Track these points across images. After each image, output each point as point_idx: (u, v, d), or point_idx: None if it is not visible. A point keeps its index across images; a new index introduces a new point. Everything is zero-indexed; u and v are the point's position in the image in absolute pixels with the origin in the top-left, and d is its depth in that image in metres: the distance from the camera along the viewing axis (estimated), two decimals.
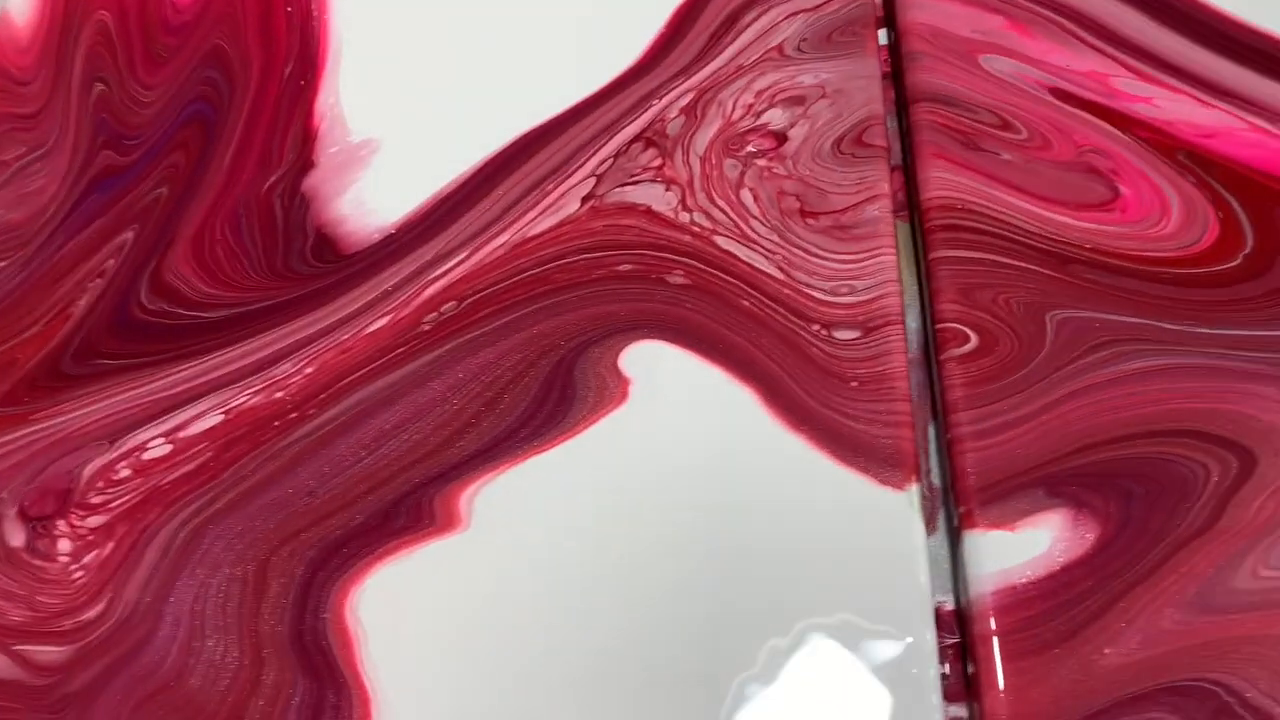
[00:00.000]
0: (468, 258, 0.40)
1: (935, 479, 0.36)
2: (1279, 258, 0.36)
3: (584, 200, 0.40)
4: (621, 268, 0.39)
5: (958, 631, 0.35)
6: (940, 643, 0.34)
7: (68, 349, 0.41)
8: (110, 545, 0.37)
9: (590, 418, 0.37)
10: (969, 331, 0.36)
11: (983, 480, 0.34)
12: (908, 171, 0.40)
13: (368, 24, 0.45)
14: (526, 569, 0.35)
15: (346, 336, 0.39)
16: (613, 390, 0.37)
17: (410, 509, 0.36)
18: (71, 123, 0.45)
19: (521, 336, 0.38)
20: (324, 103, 0.44)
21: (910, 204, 0.40)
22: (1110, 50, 0.39)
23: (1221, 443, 0.34)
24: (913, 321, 0.38)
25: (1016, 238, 0.37)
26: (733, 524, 0.35)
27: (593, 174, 0.40)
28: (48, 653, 0.36)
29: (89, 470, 0.39)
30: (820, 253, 0.38)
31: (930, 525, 0.35)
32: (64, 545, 0.38)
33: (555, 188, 0.40)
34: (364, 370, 0.39)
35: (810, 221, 0.38)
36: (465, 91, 0.43)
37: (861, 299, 0.37)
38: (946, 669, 0.33)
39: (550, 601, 0.35)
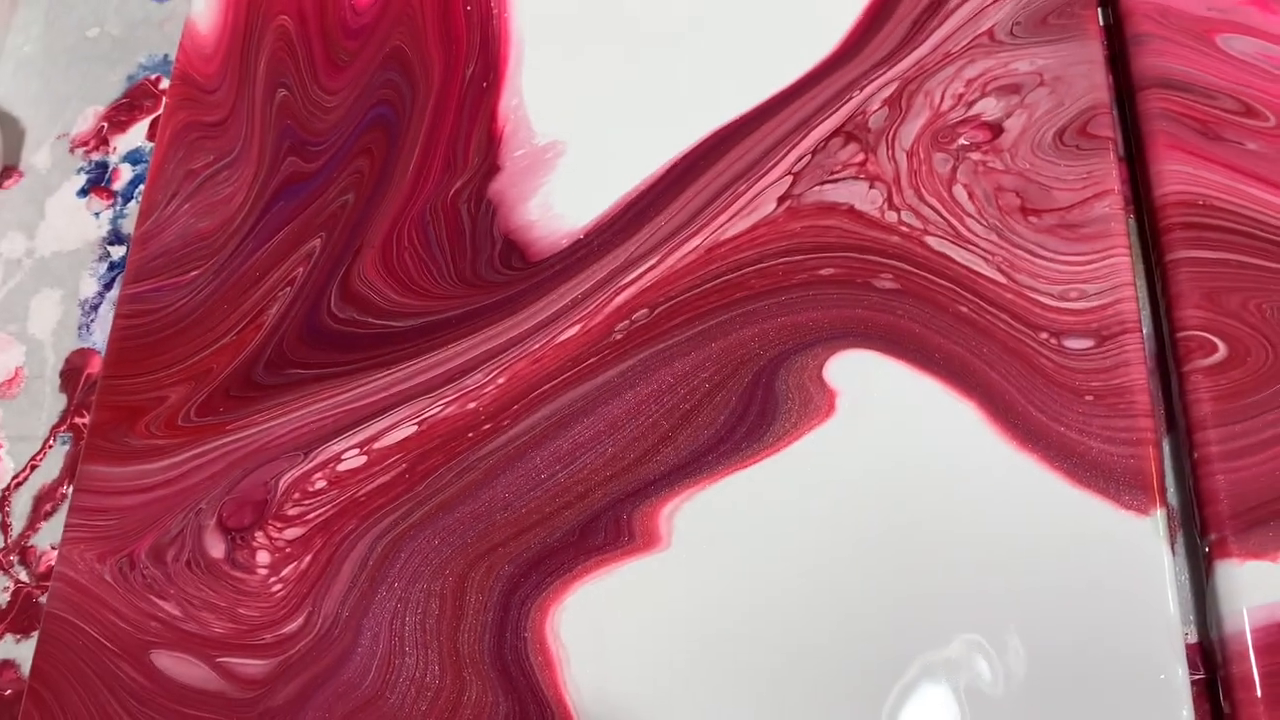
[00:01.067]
0: (659, 263, 0.38)
1: (1172, 498, 0.33)
2: None
3: (780, 200, 0.38)
4: (823, 271, 0.37)
5: (1203, 668, 0.32)
6: (1190, 678, 0.31)
7: (260, 358, 0.41)
8: (308, 558, 0.37)
9: (794, 432, 0.35)
10: (1216, 340, 0.33)
11: (1236, 506, 0.31)
12: (1134, 164, 0.37)
13: (550, 21, 0.43)
14: (728, 589, 0.34)
15: (537, 346, 0.38)
16: (818, 403, 0.35)
17: (609, 526, 0.35)
18: (256, 130, 0.45)
19: (718, 346, 0.37)
20: (507, 104, 0.43)
21: (1137, 200, 0.37)
22: None
23: None
24: (1146, 326, 0.35)
25: (1267, 235, 0.34)
26: (955, 550, 0.33)
27: (789, 172, 0.38)
28: (250, 666, 0.36)
29: (285, 481, 0.39)
30: (1046, 253, 0.35)
31: (1171, 548, 0.32)
32: (263, 557, 0.38)
33: (749, 188, 0.39)
34: (556, 381, 0.38)
35: (1033, 220, 0.36)
36: (652, 89, 0.41)
37: (1094, 304, 0.34)
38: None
39: (752, 624, 0.33)
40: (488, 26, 0.44)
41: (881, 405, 0.35)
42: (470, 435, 0.38)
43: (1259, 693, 0.29)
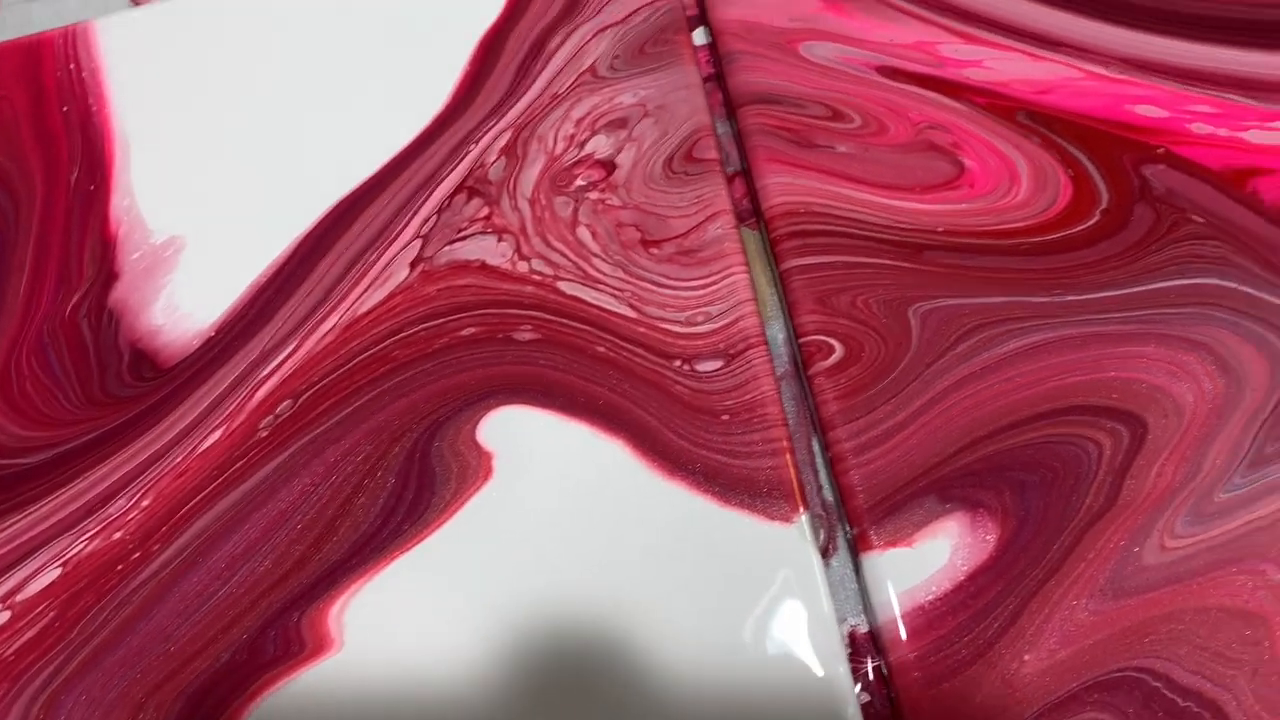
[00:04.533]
0: (297, 349, 0.37)
1: (829, 495, 0.34)
2: (1136, 207, 0.35)
3: (413, 265, 0.37)
4: (464, 332, 0.36)
5: (878, 654, 0.33)
6: (864, 668, 0.32)
7: None
8: None
9: (455, 502, 0.34)
10: (832, 342, 0.34)
11: (871, 498, 0.32)
12: (749, 178, 0.38)
13: (152, 113, 0.41)
14: (411, 680, 0.33)
15: (180, 459, 0.36)
16: (475, 468, 0.34)
17: (278, 637, 0.33)
18: None
19: (367, 426, 0.35)
20: (118, 206, 0.40)
21: (756, 211, 0.38)
22: (932, 17, 0.37)
23: (1109, 413, 0.32)
24: (781, 333, 0.36)
25: (866, 233, 0.35)
26: (623, 588, 0.32)
27: (417, 235, 0.38)
28: None
29: None
30: (670, 282, 0.36)
31: (831, 545, 0.33)
32: None
33: (379, 257, 0.37)
34: (205, 492, 0.35)
35: (654, 251, 0.36)
36: (269, 169, 0.39)
37: (719, 325, 0.35)
38: (869, 697, 0.31)
39: (439, 711, 0.32)
40: (88, 126, 0.42)
41: (537, 458, 0.34)
42: (120, 568, 0.35)
43: (913, 675, 0.30)
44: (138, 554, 0.35)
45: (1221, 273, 0.34)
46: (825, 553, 0.33)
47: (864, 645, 0.33)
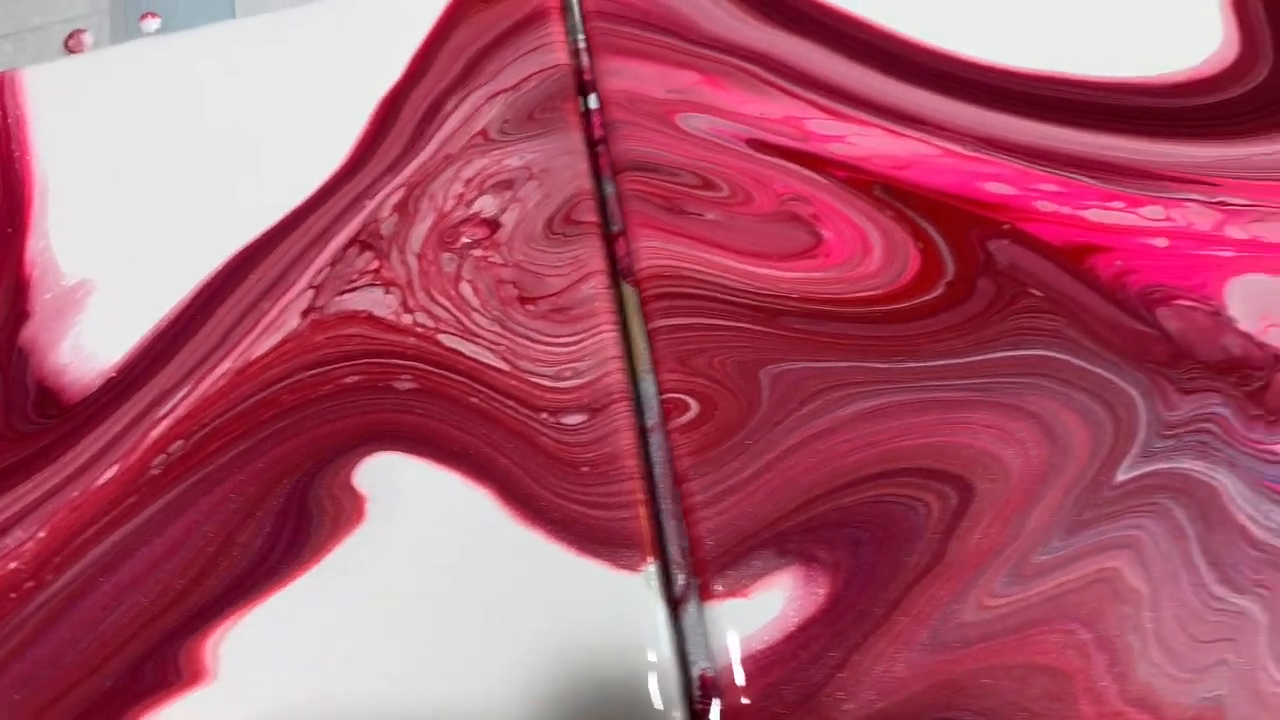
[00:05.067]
0: (191, 391, 0.39)
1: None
2: (980, 280, 0.37)
3: (304, 314, 0.39)
4: (348, 380, 0.38)
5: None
6: (709, 710, 0.34)
7: None
8: None
9: (328, 544, 0.36)
10: (689, 399, 0.36)
11: (715, 549, 0.34)
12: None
13: (72, 161, 0.43)
14: (279, 713, 0.35)
15: (77, 493, 0.38)
16: (349, 511, 0.36)
17: (156, 666, 0.35)
18: None
19: (252, 468, 0.37)
20: (34, 249, 0.42)
21: (631, 272, 0.40)
22: (801, 92, 0.40)
23: (940, 476, 0.34)
24: (653, 387, 0.38)
25: (727, 297, 0.37)
26: (478, 629, 0.34)
27: (310, 285, 0.40)
28: None
29: None
30: (542, 338, 0.38)
31: (688, 594, 0.35)
32: None
33: (273, 305, 0.40)
34: (98, 526, 0.37)
35: (529, 308, 0.38)
36: (177, 218, 0.42)
37: (585, 380, 0.37)
38: None
39: None
40: (9, 172, 0.44)
41: (409, 503, 0.36)
42: (13, 596, 0.37)
43: (747, 717, 0.32)
44: (31, 583, 0.37)
45: (1055, 345, 0.36)
46: (682, 600, 0.35)
47: (713, 688, 0.35)
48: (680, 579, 0.35)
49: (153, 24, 0.48)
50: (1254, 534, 0.33)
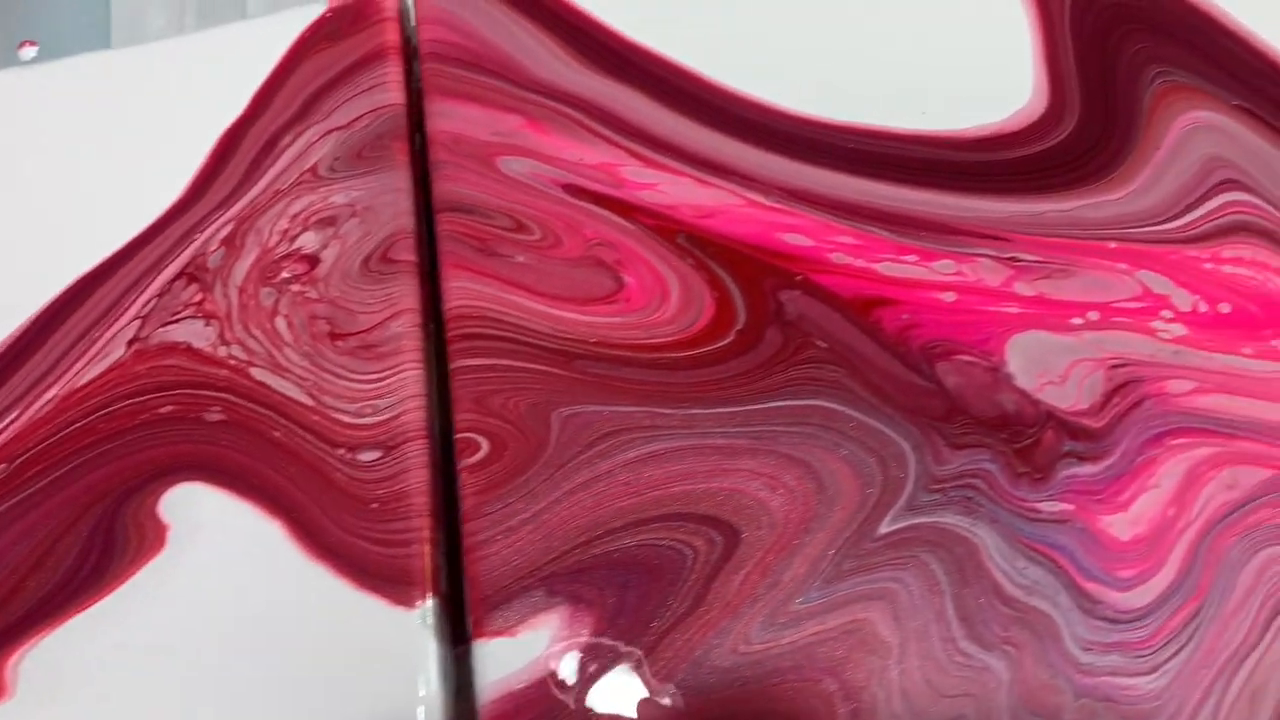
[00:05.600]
0: (19, 416, 0.40)
1: None
2: (769, 330, 0.37)
3: (129, 344, 0.41)
4: (163, 410, 0.39)
5: None
6: None
7: None
8: None
9: (129, 570, 0.37)
10: (480, 439, 0.37)
11: (489, 588, 0.35)
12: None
13: None
14: None
15: None
16: (151, 539, 0.38)
17: None
18: None
19: (67, 493, 0.39)
20: None
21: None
22: (620, 140, 0.41)
23: (709, 521, 0.35)
24: None
25: (528, 340, 0.38)
26: (259, 664, 0.36)
27: (138, 316, 0.41)
28: None
29: None
30: (348, 375, 0.39)
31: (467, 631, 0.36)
32: None
33: (102, 334, 0.41)
34: None
35: (339, 344, 0.39)
36: (19, 244, 0.43)
37: (384, 418, 0.38)
38: None
39: None
40: None
41: (208, 534, 0.38)
42: None
43: None
44: None
45: (834, 396, 0.37)
46: (462, 638, 0.36)
47: None
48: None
49: (29, 52, 0.49)
50: (1007, 590, 0.34)
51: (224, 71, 0.45)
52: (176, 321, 0.41)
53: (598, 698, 0.34)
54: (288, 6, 0.47)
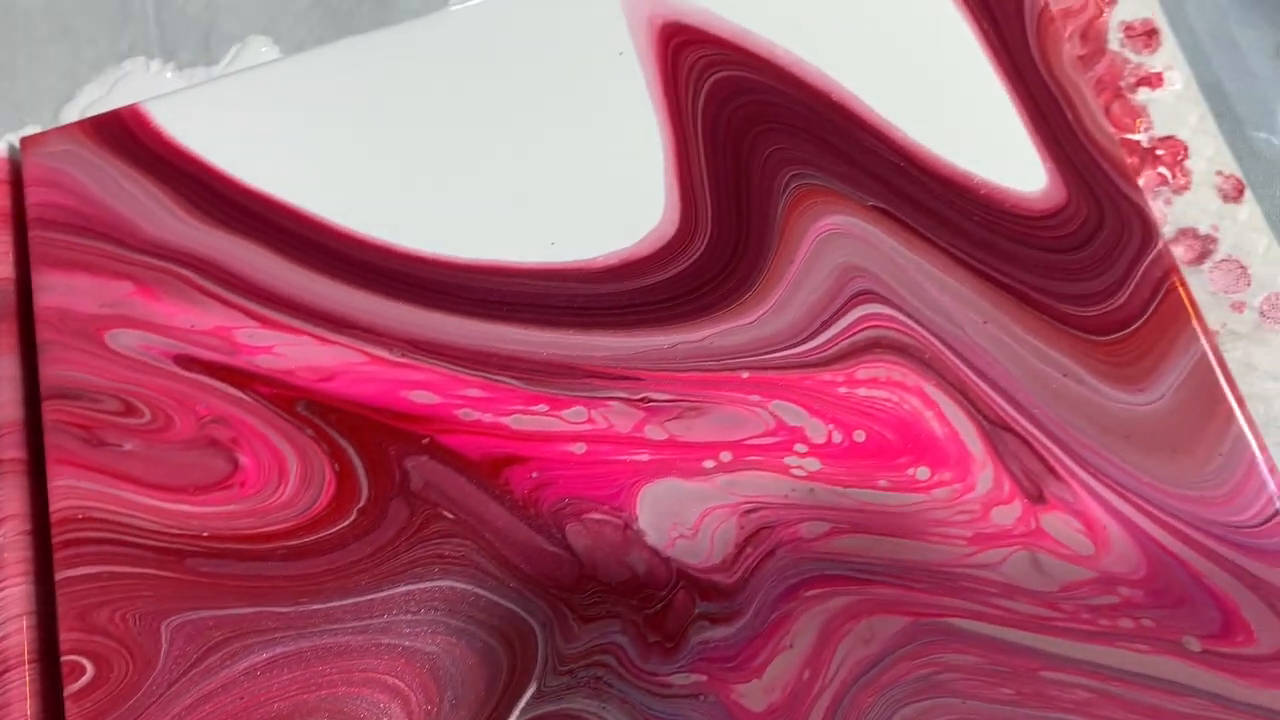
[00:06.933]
0: None
1: None
2: (393, 504, 0.35)
3: None
4: None
5: None
6: None
7: None
8: None
9: None
10: (85, 661, 0.34)
11: None
12: None
13: None
14: None
15: None
16: None
17: None
18: None
19: None
20: None
21: None
22: (234, 299, 0.37)
23: None
24: None
25: (136, 540, 0.35)
26: None
27: None
28: None
29: None
30: None
31: None
32: None
33: None
34: None
35: None
36: None
37: None
38: None
39: None
40: None
41: None
42: None
43: None
44: None
45: (460, 575, 0.34)
46: None
47: None
48: None
49: None
50: None
51: None
52: None
53: None
54: None
